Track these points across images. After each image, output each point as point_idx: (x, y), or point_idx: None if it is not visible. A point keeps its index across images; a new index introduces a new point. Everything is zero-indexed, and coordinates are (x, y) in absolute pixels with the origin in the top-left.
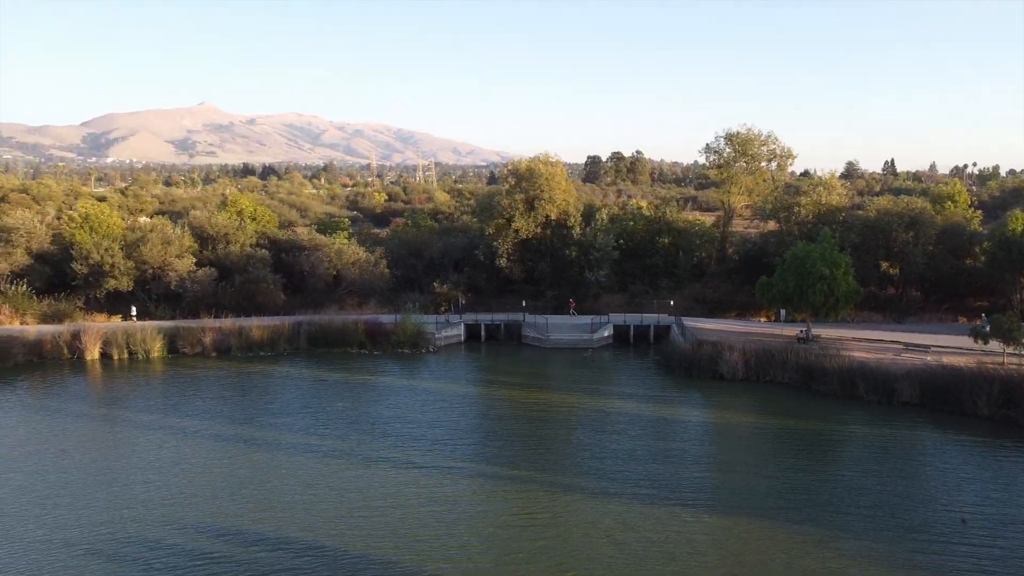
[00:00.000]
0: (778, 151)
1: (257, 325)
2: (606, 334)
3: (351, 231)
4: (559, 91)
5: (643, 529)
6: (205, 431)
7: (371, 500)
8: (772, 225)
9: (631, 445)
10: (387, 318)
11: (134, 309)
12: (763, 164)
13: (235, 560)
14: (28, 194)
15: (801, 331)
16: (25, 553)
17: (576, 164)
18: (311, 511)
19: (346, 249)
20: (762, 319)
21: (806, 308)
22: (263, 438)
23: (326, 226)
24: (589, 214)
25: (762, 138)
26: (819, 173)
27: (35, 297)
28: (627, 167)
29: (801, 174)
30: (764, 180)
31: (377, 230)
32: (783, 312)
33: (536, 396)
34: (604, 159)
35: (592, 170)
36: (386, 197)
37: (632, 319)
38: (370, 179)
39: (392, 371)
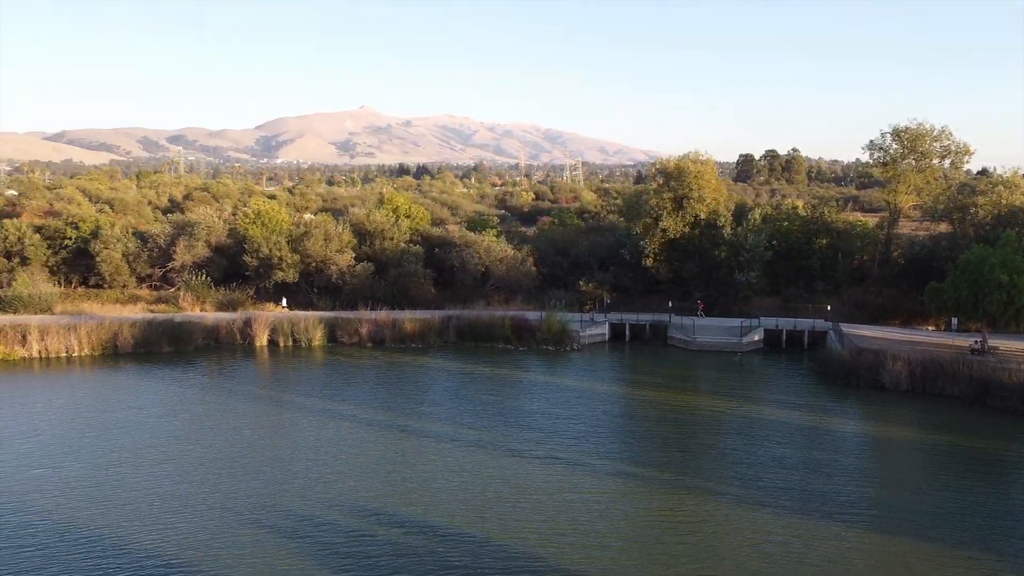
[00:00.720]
0: (953, 147)
1: (409, 318)
2: (756, 338)
3: (499, 229)
4: (710, 89)
5: (791, 541)
6: (360, 416)
7: (513, 490)
8: (944, 227)
9: (781, 453)
10: (533, 315)
11: (285, 300)
12: (935, 161)
13: (382, 539)
14: (209, 192)
15: (976, 341)
16: (202, 520)
17: (727, 163)
18: (456, 497)
19: (494, 246)
20: (930, 327)
21: (981, 317)
22: (413, 425)
23: (476, 224)
24: (740, 214)
25: (934, 133)
26: (999, 171)
27: (213, 286)
28: (782, 165)
29: (978, 172)
30: (935, 178)
31: (524, 228)
32: (955, 321)
33: (681, 398)
34: (757, 157)
35: (744, 169)
36: (534, 196)
37: (785, 323)
38: (518, 178)
39: (536, 367)
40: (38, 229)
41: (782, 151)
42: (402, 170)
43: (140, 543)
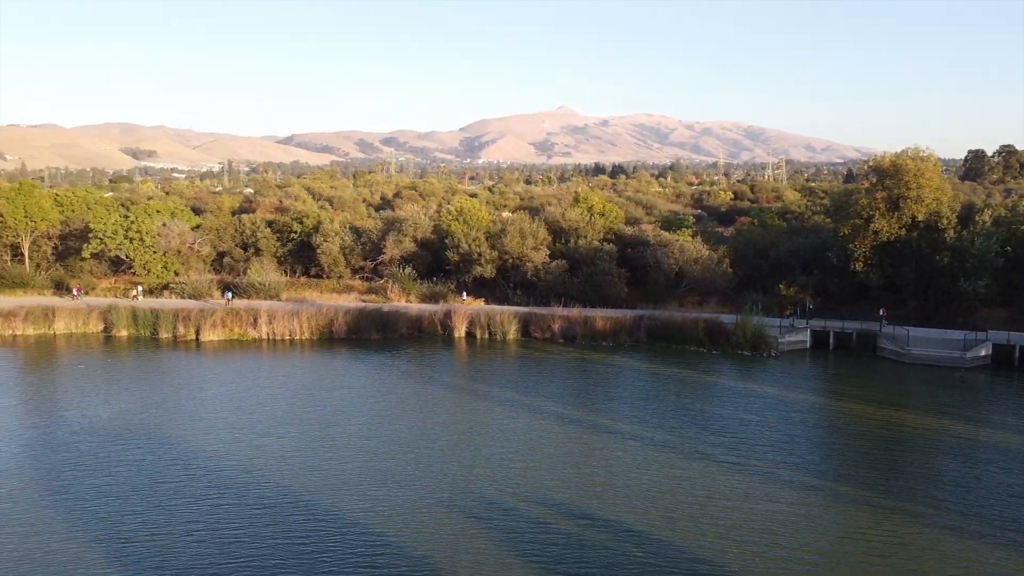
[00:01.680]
0: None
1: (601, 316)
2: (983, 353)
3: (695, 228)
4: (930, 79)
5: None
6: (549, 408)
7: (701, 493)
8: None
9: (1008, 481)
10: (728, 318)
11: (465, 294)
12: None
13: (567, 529)
14: (416, 191)
15: None
16: (404, 494)
17: (953, 160)
18: (642, 495)
19: (689, 246)
20: None
21: None
22: (601, 421)
23: (670, 223)
24: (967, 216)
25: None
26: None
27: (417, 280)
28: (1020, 162)
29: None
30: None
31: (721, 228)
32: None
33: (890, 414)
34: (989, 154)
35: (973, 166)
36: (732, 195)
37: (1018, 338)
38: (716, 177)
39: (730, 371)
40: (269, 224)
41: (1021, 146)
42: (598, 169)
43: (348, 510)
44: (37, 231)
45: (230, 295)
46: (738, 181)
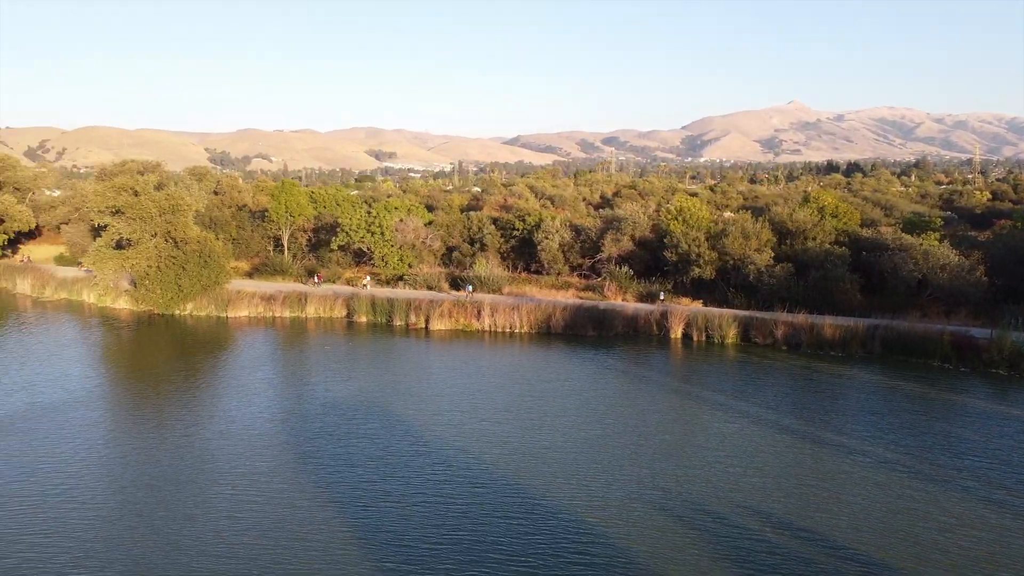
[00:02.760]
0: None
1: (830, 323)
2: None
3: (943, 232)
4: None
5: None
6: (768, 417)
7: (944, 520)
8: None
9: None
10: (980, 332)
11: (663, 294)
12: None
13: (783, 545)
14: (635, 189)
15: None
16: (617, 488)
17: None
18: (873, 514)
19: (935, 251)
20: None
21: None
22: (824, 435)
23: (914, 225)
24: None
25: None
26: None
27: (634, 278)
28: None
29: None
30: None
31: (975, 232)
32: None
33: None
34: None
35: None
36: (989, 196)
37: None
38: (970, 175)
39: (981, 392)
40: (494, 221)
41: None
42: (830, 167)
43: (562, 497)
44: (295, 225)
45: (470, 288)
46: (997, 180)
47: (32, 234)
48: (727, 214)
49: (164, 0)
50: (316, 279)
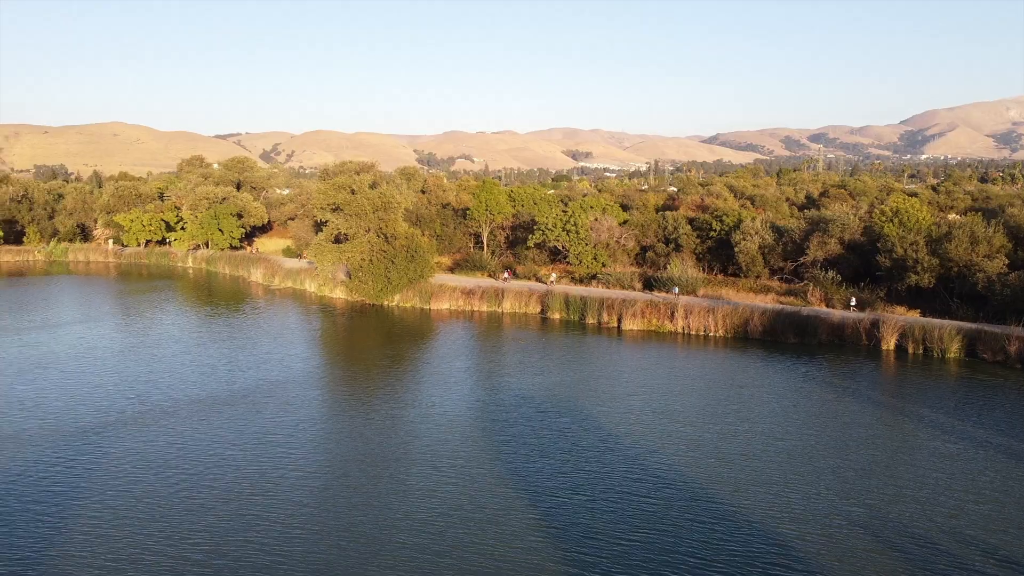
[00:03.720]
0: None
1: None
2: None
3: None
4: None
5: None
6: (997, 441)
7: None
8: None
9: None
10: None
11: (854, 300)
12: None
13: None
14: (845, 189)
15: None
16: (805, 504)
17: None
18: None
19: None
20: None
21: None
22: None
23: None
24: None
25: None
26: None
27: (842, 284)
28: None
29: None
30: None
31: None
32: None
33: None
34: None
35: None
36: None
37: None
38: None
39: None
40: (690, 221)
41: None
42: None
43: (755, 506)
44: (494, 222)
45: (676, 290)
46: None
47: (264, 228)
48: (952, 216)
49: (381, 15)
50: (505, 275)
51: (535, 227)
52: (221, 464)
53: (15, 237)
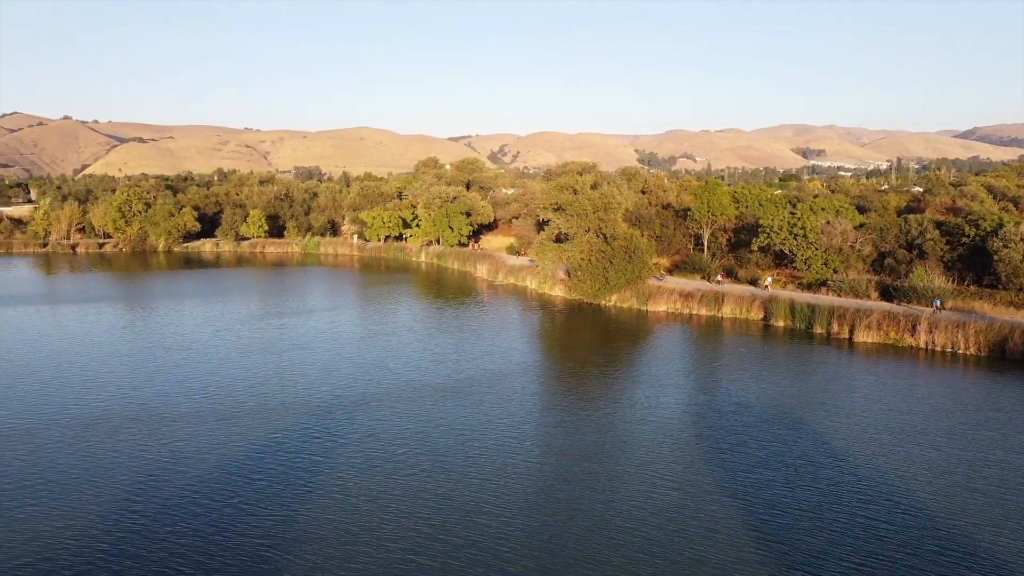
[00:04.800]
0: None
1: None
2: None
3: None
4: None
5: None
6: None
7: None
8: None
9: None
10: None
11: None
12: None
13: None
14: None
15: None
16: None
17: None
18: None
19: None
20: None
21: None
22: None
23: None
24: None
25: None
26: None
27: None
28: None
29: None
30: None
31: None
32: None
33: None
34: None
35: None
36: None
37: None
38: None
39: None
40: (938, 225)
41: None
42: None
43: (1003, 547)
44: (716, 224)
45: (938, 302)
46: None
47: (490, 226)
48: None
49: (603, 16)
50: (720, 277)
51: (759, 229)
52: (447, 448)
53: (277, 231)
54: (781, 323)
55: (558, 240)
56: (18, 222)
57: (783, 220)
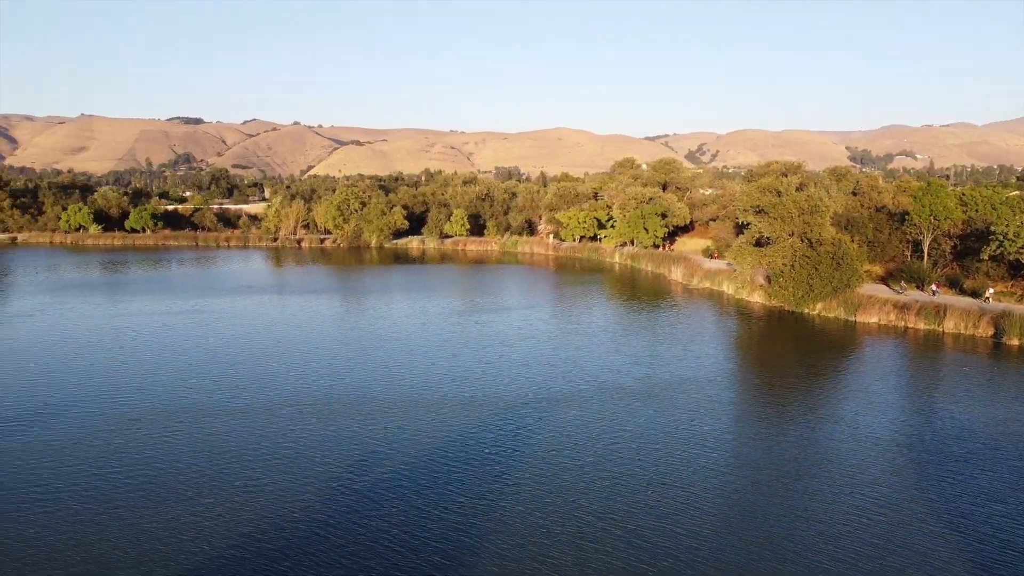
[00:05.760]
0: None
1: None
2: None
3: None
4: None
5: None
6: None
7: None
8: None
9: None
10: None
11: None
12: None
13: None
14: None
15: None
16: None
17: None
18: None
19: None
20: None
21: None
22: None
23: None
24: None
25: None
26: None
27: None
28: None
29: None
30: None
31: None
32: None
33: None
34: None
35: None
36: None
37: None
38: None
39: None
40: None
41: None
42: None
43: None
44: (939, 229)
45: None
46: None
47: (685, 228)
48: None
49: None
50: (935, 287)
51: (991, 236)
52: (639, 451)
53: (478, 230)
54: (1015, 342)
55: (758, 244)
56: (254, 218)
57: (1020, 226)
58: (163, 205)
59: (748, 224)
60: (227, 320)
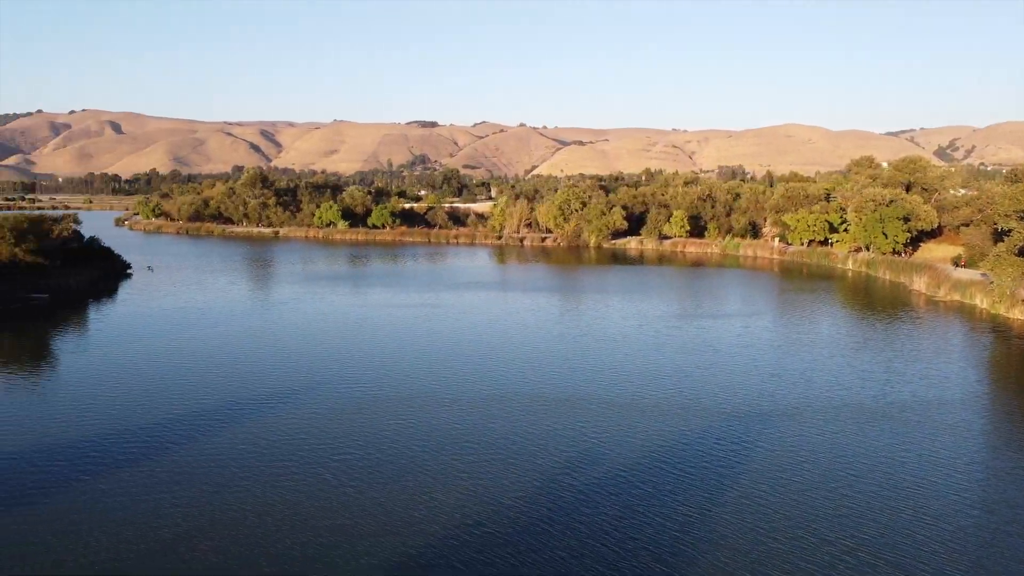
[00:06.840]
0: None
1: None
2: None
3: None
4: None
5: None
6: None
7: None
8: None
9: None
10: None
11: None
12: None
13: None
14: None
15: None
16: None
17: None
18: None
19: None
20: None
21: None
22: None
23: None
24: None
25: None
26: None
27: None
28: None
29: None
30: None
31: None
32: None
33: None
34: None
35: None
36: None
37: None
38: None
39: None
40: None
41: None
42: None
43: None
44: None
45: None
46: None
47: (932, 233)
48: None
49: None
50: None
51: None
52: (868, 474)
53: (698, 231)
54: None
55: (1021, 253)
56: (481, 216)
57: None
58: (401, 204)
59: (1010, 230)
60: (455, 315)
